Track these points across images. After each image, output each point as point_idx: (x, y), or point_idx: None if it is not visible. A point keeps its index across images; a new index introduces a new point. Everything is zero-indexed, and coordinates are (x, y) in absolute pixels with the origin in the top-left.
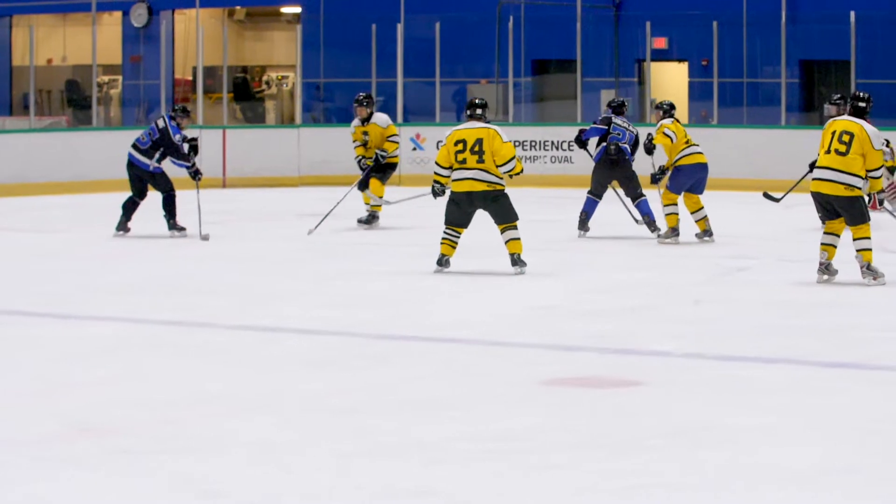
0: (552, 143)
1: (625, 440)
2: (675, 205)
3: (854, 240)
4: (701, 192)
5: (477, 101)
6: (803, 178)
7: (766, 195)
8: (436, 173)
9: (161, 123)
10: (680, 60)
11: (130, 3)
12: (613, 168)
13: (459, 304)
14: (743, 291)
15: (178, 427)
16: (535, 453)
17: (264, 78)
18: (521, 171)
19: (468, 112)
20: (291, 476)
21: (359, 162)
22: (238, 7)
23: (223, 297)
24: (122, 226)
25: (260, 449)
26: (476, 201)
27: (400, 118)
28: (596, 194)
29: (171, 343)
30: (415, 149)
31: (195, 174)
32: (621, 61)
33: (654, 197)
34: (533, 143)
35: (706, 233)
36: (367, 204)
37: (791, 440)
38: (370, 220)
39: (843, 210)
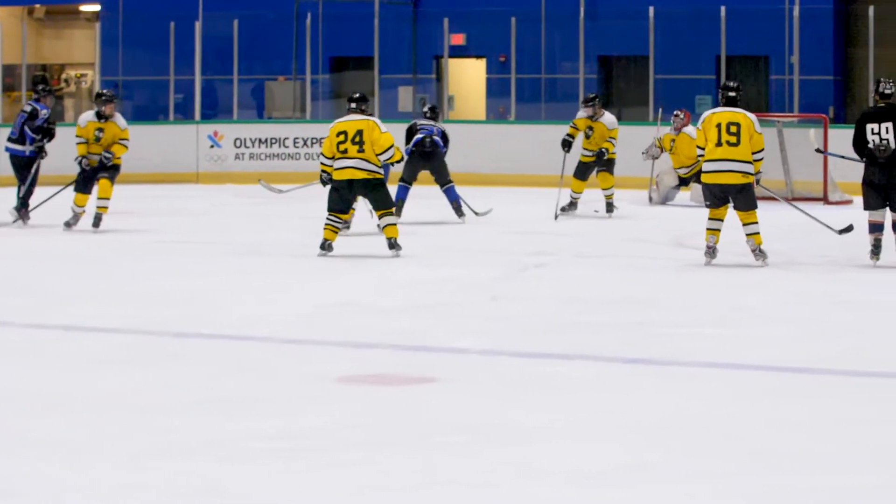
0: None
1: (418, 438)
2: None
3: (744, 224)
4: None
5: (357, 95)
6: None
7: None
8: (322, 163)
9: (28, 108)
10: (478, 57)
11: None
12: (426, 159)
13: (255, 301)
14: (541, 288)
15: None
16: (326, 451)
17: (63, 76)
18: (401, 159)
19: (350, 105)
20: (81, 476)
21: (80, 161)
22: (38, 5)
23: (18, 296)
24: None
25: (50, 448)
26: (356, 188)
27: (198, 115)
28: (408, 182)
29: None
30: (212, 146)
31: (40, 150)
32: (419, 58)
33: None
34: None
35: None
36: (80, 206)
37: (586, 437)
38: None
39: (736, 197)
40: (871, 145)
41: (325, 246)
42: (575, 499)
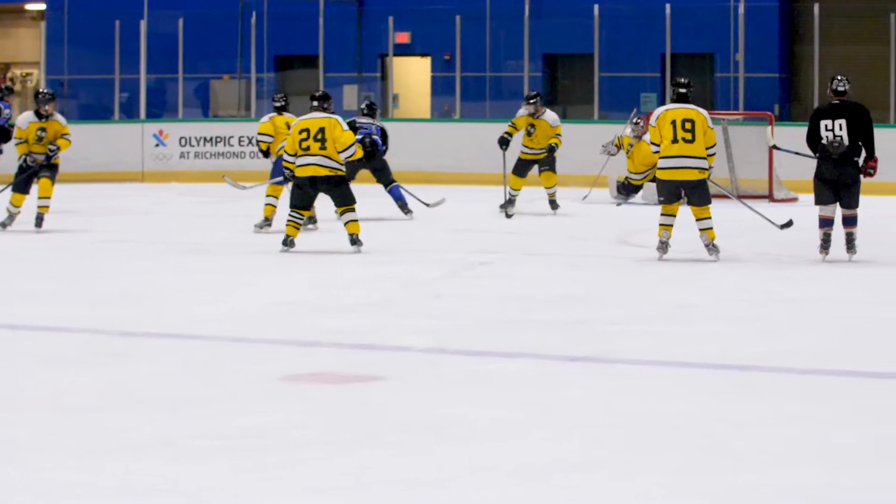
0: None
1: (364, 436)
2: (276, 197)
3: (698, 220)
4: None
5: (319, 93)
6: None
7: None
8: (284, 160)
9: None
10: (423, 55)
11: None
12: (366, 159)
13: (201, 301)
14: (485, 285)
15: None
16: (273, 450)
17: (8, 75)
18: (363, 156)
19: (312, 104)
20: (31, 476)
21: (24, 160)
22: None
23: None
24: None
25: None
26: (318, 185)
27: (143, 114)
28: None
29: None
30: (157, 145)
31: None
32: (364, 57)
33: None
34: None
35: (310, 220)
36: (16, 207)
37: (529, 434)
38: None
39: (691, 193)
40: (824, 141)
41: (288, 242)
42: (524, 496)
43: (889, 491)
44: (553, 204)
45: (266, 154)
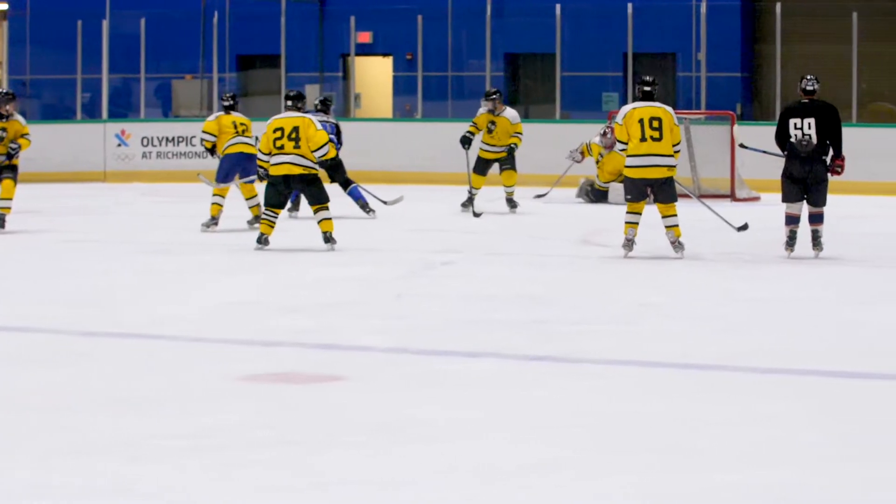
0: (256, 138)
1: (325, 436)
2: (222, 196)
3: (664, 217)
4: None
5: (293, 93)
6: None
7: (537, 197)
8: (259, 159)
9: None
10: (384, 55)
11: None
12: None
13: (162, 300)
14: (447, 285)
15: None
16: (233, 450)
17: None
18: (335, 156)
19: (286, 103)
20: None
21: None
22: None
23: None
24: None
25: None
26: (292, 184)
27: (105, 114)
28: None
29: None
30: (119, 145)
31: None
32: (326, 56)
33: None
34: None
35: (257, 219)
36: None
37: (492, 435)
38: None
39: (659, 190)
40: (793, 140)
41: (262, 240)
42: (485, 496)
43: (855, 490)
44: (511, 203)
45: (211, 152)
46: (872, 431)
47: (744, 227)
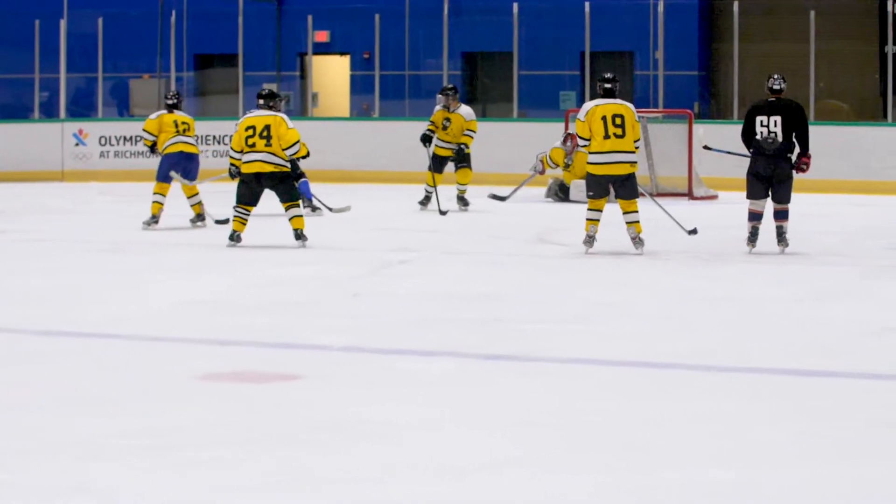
0: (214, 137)
1: (281, 435)
2: (163, 195)
3: (625, 213)
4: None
5: (266, 91)
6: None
7: (491, 196)
8: (231, 157)
9: None
10: (342, 54)
11: None
12: None
13: (119, 299)
14: (403, 284)
15: None
16: (190, 449)
17: None
18: (307, 154)
19: (259, 101)
20: None
21: None
22: None
23: None
24: None
25: None
26: (264, 181)
27: (63, 114)
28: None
29: None
30: (77, 144)
31: None
32: (283, 55)
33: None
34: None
35: (199, 217)
36: None
37: (448, 433)
38: None
39: (621, 186)
40: (758, 137)
41: (234, 237)
42: (443, 494)
43: (812, 487)
44: (462, 201)
45: (152, 150)
46: (828, 430)
47: (693, 231)
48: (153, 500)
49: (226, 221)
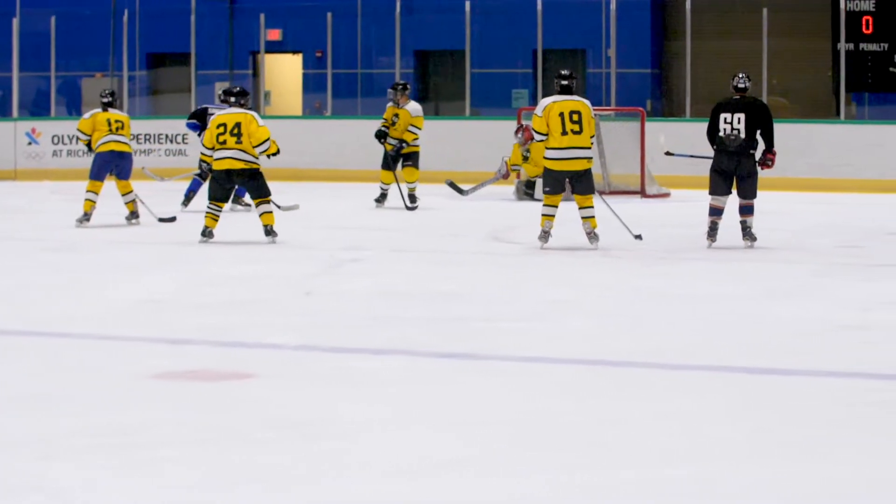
0: (167, 136)
1: (235, 433)
2: (96, 193)
3: (581, 208)
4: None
5: (237, 89)
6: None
7: (450, 184)
8: (202, 154)
9: None
10: (294, 52)
11: None
12: None
13: (71, 298)
14: (357, 283)
15: None
16: (144, 447)
17: None
18: (277, 151)
19: (230, 100)
20: None
21: None
22: None
23: None
24: None
25: None
26: (234, 178)
27: (16, 112)
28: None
29: None
30: (30, 143)
31: None
32: (236, 53)
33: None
34: (148, 137)
35: (133, 214)
36: None
37: (405, 431)
38: None
39: (578, 181)
40: (721, 134)
41: (206, 233)
42: (396, 494)
43: (766, 483)
44: (411, 199)
45: (89, 148)
46: (783, 428)
47: (639, 237)
48: (107, 498)
49: (171, 220)
